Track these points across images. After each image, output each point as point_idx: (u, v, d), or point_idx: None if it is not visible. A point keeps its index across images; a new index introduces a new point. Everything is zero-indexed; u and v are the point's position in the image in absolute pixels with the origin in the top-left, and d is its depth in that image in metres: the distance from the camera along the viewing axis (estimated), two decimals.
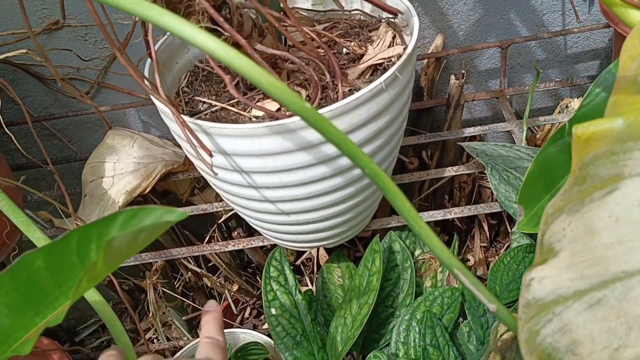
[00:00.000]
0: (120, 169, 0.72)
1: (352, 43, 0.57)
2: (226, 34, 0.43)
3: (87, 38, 0.69)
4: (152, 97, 0.45)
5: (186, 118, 0.45)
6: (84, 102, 0.71)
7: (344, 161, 0.49)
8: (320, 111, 0.44)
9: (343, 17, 0.62)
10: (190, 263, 0.81)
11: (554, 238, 0.28)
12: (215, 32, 0.44)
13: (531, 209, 0.48)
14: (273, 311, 0.58)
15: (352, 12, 0.62)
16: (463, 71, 0.71)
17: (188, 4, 0.42)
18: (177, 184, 0.79)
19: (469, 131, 0.73)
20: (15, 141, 0.63)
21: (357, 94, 0.45)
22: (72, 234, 0.31)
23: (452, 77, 0.71)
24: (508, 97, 0.76)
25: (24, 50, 0.61)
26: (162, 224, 0.30)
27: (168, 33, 0.59)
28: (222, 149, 0.47)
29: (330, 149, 0.46)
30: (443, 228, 0.95)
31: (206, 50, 0.29)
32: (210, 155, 0.45)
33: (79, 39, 0.69)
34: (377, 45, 0.57)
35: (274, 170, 0.48)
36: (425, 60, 0.75)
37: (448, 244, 0.90)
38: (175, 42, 0.58)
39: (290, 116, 0.44)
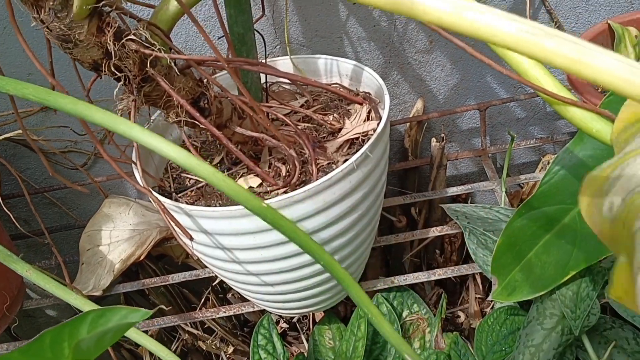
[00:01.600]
0: (116, 236, 0.75)
1: (331, 117, 0.60)
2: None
3: None
4: (134, 185, 0.48)
5: (167, 201, 0.48)
6: (83, 173, 0.75)
7: (320, 236, 0.51)
8: (296, 192, 0.46)
9: (324, 90, 0.65)
10: (187, 326, 0.83)
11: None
12: (194, 122, 0.47)
13: (503, 280, 0.49)
14: None
15: (331, 86, 0.65)
16: (443, 134, 0.74)
17: (167, 99, 0.45)
18: (172, 248, 0.82)
19: (453, 190, 0.75)
20: (11, 216, 0.66)
21: (328, 176, 0.47)
22: (46, 334, 0.33)
23: (433, 139, 0.74)
24: (490, 155, 0.78)
25: (18, 132, 0.64)
26: (126, 324, 0.32)
27: (158, 112, 0.62)
28: (204, 229, 0.49)
29: (302, 226, 0.49)
30: (438, 281, 0.96)
31: (168, 158, 0.32)
32: (191, 239, 0.48)
33: None
34: (354, 119, 0.59)
35: (254, 247, 0.50)
36: (408, 123, 0.78)
37: (449, 296, 0.91)
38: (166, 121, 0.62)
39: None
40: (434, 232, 0.71)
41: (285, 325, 0.89)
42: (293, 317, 0.90)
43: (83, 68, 0.42)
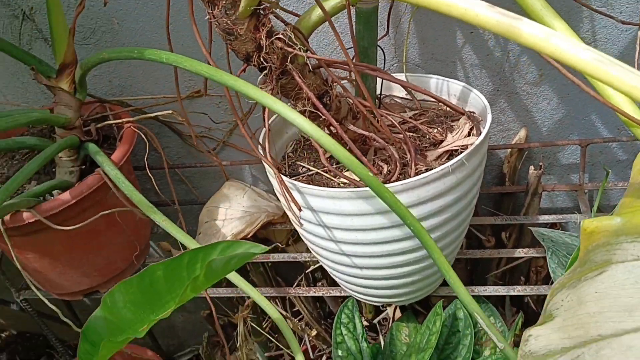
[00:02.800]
0: (230, 214, 0.85)
1: (435, 130, 0.67)
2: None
3: (220, 106, 0.85)
4: (261, 159, 0.57)
5: (285, 178, 0.57)
6: (209, 157, 0.86)
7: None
8: (394, 184, 0.53)
9: (432, 107, 0.72)
10: (277, 305, 0.91)
11: (554, 306, 0.35)
12: (317, 113, 0.55)
13: None
14: (339, 352, 0.66)
15: (439, 103, 0.71)
16: (541, 163, 0.77)
17: (297, 91, 0.54)
18: (275, 234, 0.91)
19: (544, 218, 0.78)
20: (154, 183, 0.78)
21: (425, 174, 0.54)
22: (185, 254, 0.43)
23: (531, 167, 0.78)
24: (586, 191, 0.81)
25: (170, 111, 0.76)
26: (249, 254, 0.40)
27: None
28: (311, 206, 0.57)
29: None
30: (518, 307, 0.98)
31: (301, 129, 0.40)
32: (299, 209, 0.56)
33: (214, 105, 0.85)
34: (456, 133, 0.65)
35: (351, 229, 0.57)
36: (509, 150, 0.82)
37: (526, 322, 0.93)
38: None
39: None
40: (520, 252, 0.75)
41: (365, 324, 0.95)
42: (374, 318, 0.96)
43: (237, 58, 0.52)
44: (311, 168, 0.65)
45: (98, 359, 0.47)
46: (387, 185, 0.53)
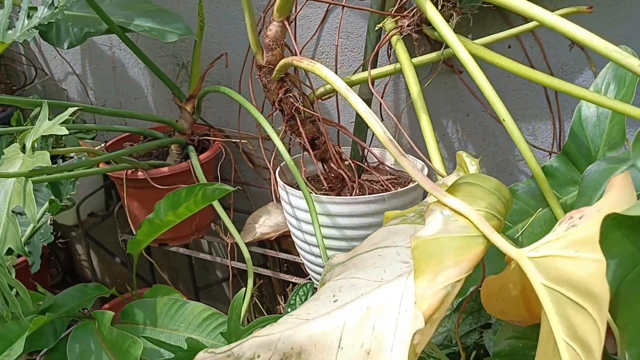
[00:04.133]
0: (266, 223, 1.22)
1: (392, 184, 0.99)
2: None
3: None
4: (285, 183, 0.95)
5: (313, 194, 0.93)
6: (264, 182, 1.24)
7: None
8: (339, 197, 0.87)
9: (405, 175, 1.04)
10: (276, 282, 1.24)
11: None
12: (312, 147, 0.92)
13: None
14: (289, 310, 0.98)
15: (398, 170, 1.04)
16: None
17: (298, 132, 0.92)
18: (293, 245, 1.25)
19: None
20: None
21: (357, 197, 0.87)
22: (182, 189, 0.81)
23: None
24: None
25: (245, 141, 1.17)
26: (224, 189, 0.77)
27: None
28: (329, 212, 0.93)
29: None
30: None
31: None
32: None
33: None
34: (400, 187, 0.98)
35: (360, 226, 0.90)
36: None
37: None
38: None
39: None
40: None
41: None
42: None
43: (269, 103, 0.91)
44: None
45: (142, 236, 0.85)
46: (339, 198, 0.87)
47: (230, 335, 0.76)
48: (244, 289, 0.84)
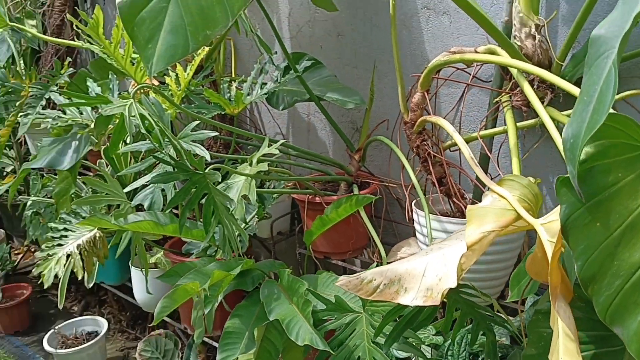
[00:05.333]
0: (406, 252, 1.57)
1: None
2: None
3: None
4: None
5: (441, 218, 1.29)
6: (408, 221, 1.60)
7: None
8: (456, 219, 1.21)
9: None
10: None
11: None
12: (439, 183, 1.28)
13: None
14: None
15: None
16: None
17: (428, 170, 1.28)
18: None
19: None
20: (380, 225, 1.57)
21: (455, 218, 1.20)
22: (351, 197, 1.21)
23: None
24: None
25: (395, 186, 1.55)
26: (371, 197, 1.16)
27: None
28: (447, 230, 1.28)
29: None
30: None
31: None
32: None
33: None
34: None
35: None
36: None
37: None
38: None
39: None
40: None
41: None
42: None
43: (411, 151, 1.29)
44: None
45: (315, 228, 1.26)
46: (454, 218, 1.21)
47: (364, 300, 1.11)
48: None
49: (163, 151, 1.16)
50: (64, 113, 1.61)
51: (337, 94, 1.55)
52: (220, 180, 1.09)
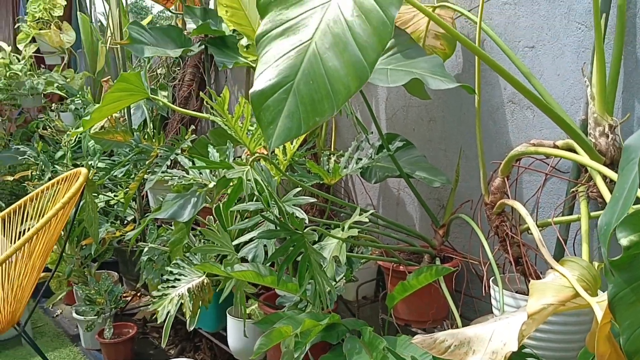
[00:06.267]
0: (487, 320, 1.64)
1: None
2: None
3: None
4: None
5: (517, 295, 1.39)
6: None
7: None
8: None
9: None
10: None
11: None
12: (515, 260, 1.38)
13: None
14: None
15: None
16: None
17: (505, 249, 1.38)
18: None
19: None
20: (461, 297, 1.67)
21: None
22: (429, 267, 1.34)
23: None
24: None
25: (477, 262, 1.65)
26: (447, 269, 1.29)
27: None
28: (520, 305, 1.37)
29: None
30: None
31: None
32: None
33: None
34: None
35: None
36: None
37: None
38: None
39: None
40: None
41: None
42: None
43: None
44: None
45: (397, 293, 1.39)
46: (526, 295, 1.30)
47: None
48: None
49: (269, 211, 1.36)
50: (187, 173, 1.88)
51: (425, 173, 1.70)
52: (315, 241, 1.26)
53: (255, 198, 1.38)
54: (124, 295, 3.18)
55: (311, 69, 1.00)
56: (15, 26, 3.78)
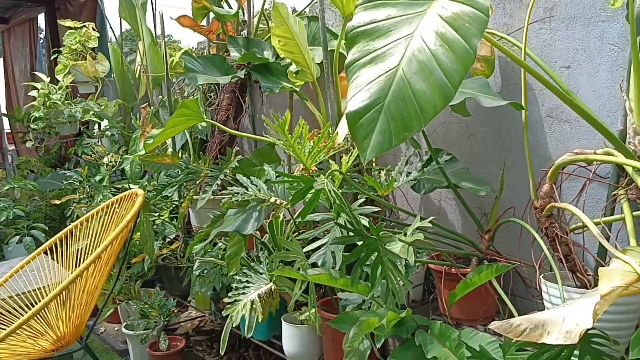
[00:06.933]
0: None
1: None
2: None
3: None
4: None
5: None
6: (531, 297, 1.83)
7: None
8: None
9: None
10: None
11: None
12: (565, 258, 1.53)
13: None
14: None
15: None
16: None
17: (555, 248, 1.54)
18: None
19: None
20: (510, 305, 1.82)
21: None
22: (489, 266, 1.49)
23: None
24: None
25: (523, 266, 1.80)
26: (505, 266, 1.44)
27: None
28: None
29: None
30: None
31: None
32: None
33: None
34: None
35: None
36: None
37: None
38: None
39: None
40: None
41: None
42: None
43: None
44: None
45: (459, 290, 1.54)
46: (579, 289, 1.45)
47: (504, 347, 1.36)
48: None
49: (339, 220, 1.51)
50: (246, 189, 2.03)
51: (471, 183, 1.86)
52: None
53: (330, 207, 1.54)
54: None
55: (400, 91, 1.16)
56: (51, 58, 3.95)
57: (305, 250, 1.68)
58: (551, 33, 1.73)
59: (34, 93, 3.63)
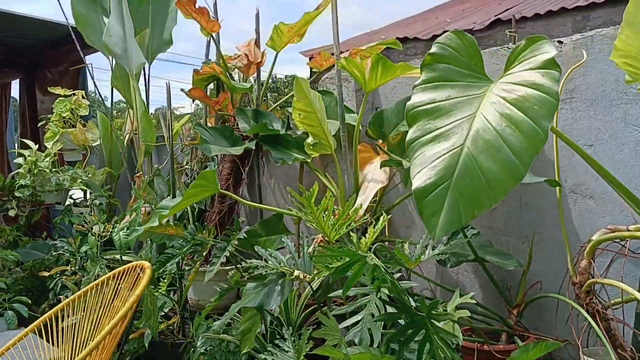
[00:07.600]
0: None
1: None
2: None
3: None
4: None
5: None
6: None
7: None
8: None
9: None
10: None
11: None
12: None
13: None
14: None
15: None
16: None
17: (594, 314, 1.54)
18: None
19: None
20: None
21: None
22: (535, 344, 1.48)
23: None
24: None
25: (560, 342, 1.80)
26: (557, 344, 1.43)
27: None
28: None
29: None
30: None
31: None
32: None
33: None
34: None
35: None
36: None
37: None
38: None
39: None
40: None
41: None
42: None
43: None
44: None
45: None
46: None
47: None
48: None
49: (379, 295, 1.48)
50: (266, 262, 1.99)
51: (497, 257, 1.87)
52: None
53: (372, 281, 1.51)
54: None
55: (467, 169, 1.17)
56: (39, 125, 3.88)
57: (342, 326, 1.63)
58: (572, 113, 1.81)
59: (19, 160, 3.53)
